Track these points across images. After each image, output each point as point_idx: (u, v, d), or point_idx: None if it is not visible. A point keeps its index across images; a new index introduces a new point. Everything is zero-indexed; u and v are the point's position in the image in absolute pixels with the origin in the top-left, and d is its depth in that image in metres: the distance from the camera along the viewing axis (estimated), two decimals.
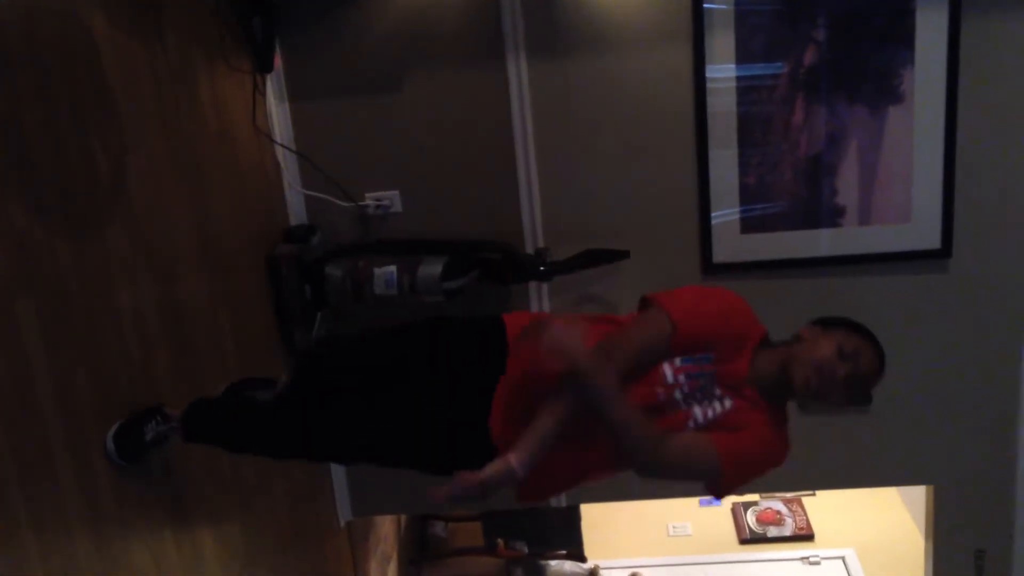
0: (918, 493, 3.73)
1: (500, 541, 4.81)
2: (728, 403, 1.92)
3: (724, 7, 3.02)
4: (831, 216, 3.18)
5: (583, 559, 4.90)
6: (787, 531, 5.16)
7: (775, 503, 5.32)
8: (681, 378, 1.92)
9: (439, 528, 5.35)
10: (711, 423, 1.91)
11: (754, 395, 1.93)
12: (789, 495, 5.34)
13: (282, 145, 3.17)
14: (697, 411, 1.91)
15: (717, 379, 1.93)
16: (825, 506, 5.27)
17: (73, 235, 1.95)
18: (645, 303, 2.05)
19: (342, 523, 3.68)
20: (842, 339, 1.90)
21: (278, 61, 3.13)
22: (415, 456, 2.04)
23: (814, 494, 5.32)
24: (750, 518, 5.26)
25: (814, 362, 1.88)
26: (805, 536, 5.12)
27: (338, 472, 3.58)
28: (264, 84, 3.08)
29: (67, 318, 1.91)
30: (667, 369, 1.92)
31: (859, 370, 1.88)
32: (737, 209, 3.19)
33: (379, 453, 2.09)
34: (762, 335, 2.01)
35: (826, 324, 1.96)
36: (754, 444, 1.91)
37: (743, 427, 1.90)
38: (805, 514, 5.24)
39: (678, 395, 1.91)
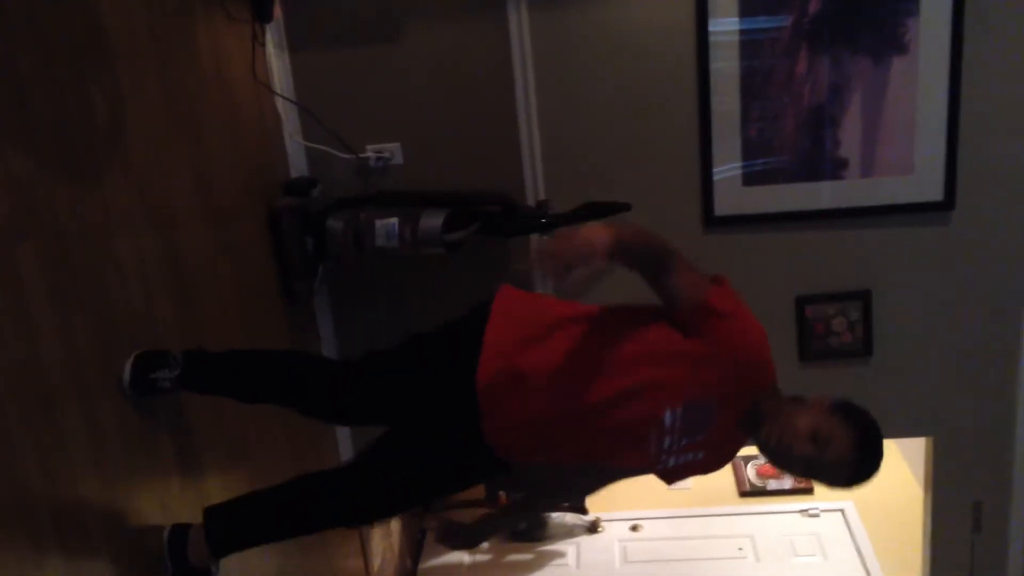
0: (916, 446, 3.75)
1: (502, 493, 4.86)
2: (701, 455, 2.03)
3: None
4: (833, 168, 3.17)
5: (584, 511, 4.95)
6: (786, 484, 5.19)
7: None
8: (678, 425, 1.94)
9: None
10: (676, 468, 2.04)
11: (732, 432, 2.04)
12: None
13: (282, 96, 3.15)
14: (673, 460, 2.01)
15: (707, 440, 1.99)
16: None
17: (72, 182, 1.95)
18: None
19: None
20: (826, 423, 1.86)
21: (278, 11, 3.10)
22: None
23: None
24: (750, 471, 5.29)
25: (783, 428, 1.88)
26: (804, 489, 5.15)
27: (341, 428, 3.61)
28: (264, 34, 3.05)
29: (67, 265, 1.91)
30: (668, 416, 1.93)
31: (822, 457, 1.85)
32: (739, 162, 3.18)
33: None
34: (772, 383, 2.01)
35: (835, 407, 1.92)
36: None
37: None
38: None
39: (665, 444, 1.97)
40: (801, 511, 5.01)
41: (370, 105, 3.22)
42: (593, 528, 5.03)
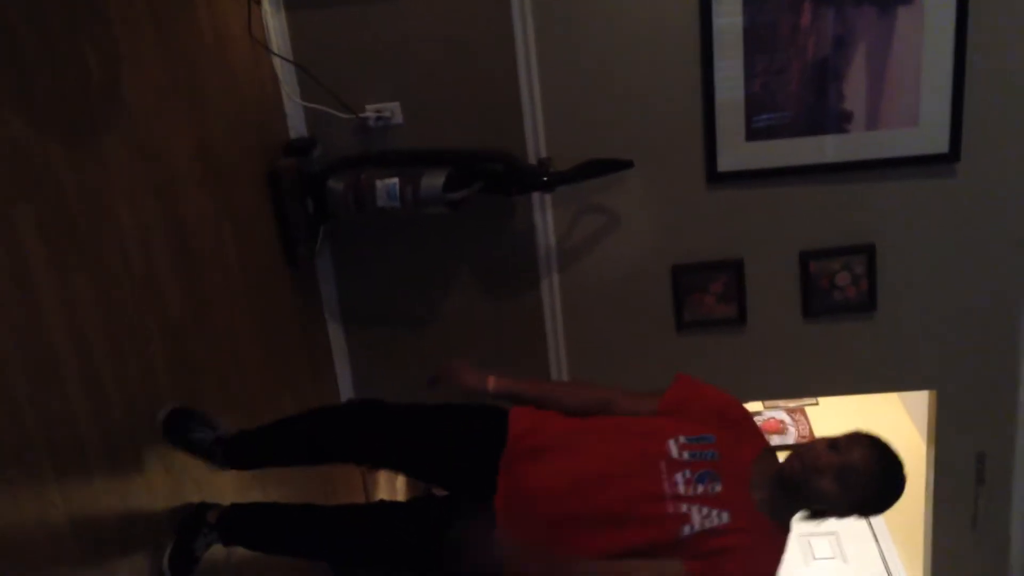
0: (919, 399, 3.76)
1: None
2: (726, 517, 1.86)
3: None
4: (838, 121, 3.14)
5: None
6: (790, 440, 5.21)
7: (778, 412, 5.37)
8: (686, 455, 1.93)
9: None
10: (705, 534, 1.85)
11: (751, 506, 1.91)
12: (792, 404, 5.39)
13: (279, 56, 3.11)
14: (696, 516, 1.86)
15: (720, 467, 1.92)
16: (827, 414, 5.32)
17: (70, 143, 1.93)
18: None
19: None
20: (840, 438, 1.92)
21: None
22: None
23: (817, 403, 5.37)
24: None
25: (802, 453, 1.91)
26: None
27: (346, 390, 3.61)
28: None
29: (67, 227, 1.90)
30: (672, 445, 1.94)
31: (847, 462, 1.87)
32: (743, 115, 3.15)
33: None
34: (765, 445, 2.05)
35: (842, 434, 1.96)
36: (736, 571, 1.85)
37: (731, 551, 1.84)
38: (808, 423, 5.30)
39: (680, 486, 1.90)
40: None
41: (369, 64, 3.18)
42: None
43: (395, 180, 3.00)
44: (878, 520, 4.62)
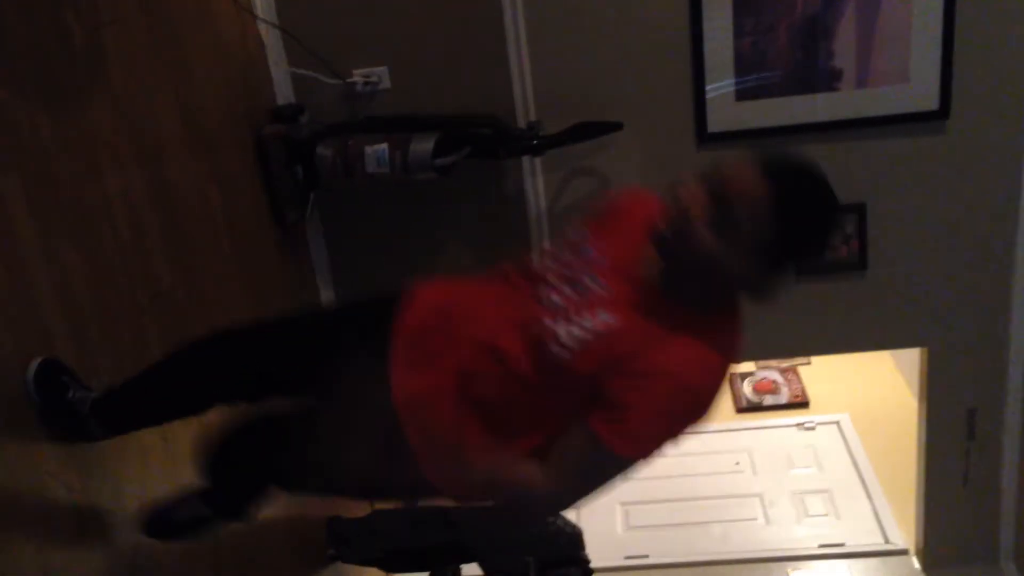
0: (911, 356, 3.78)
1: None
2: (606, 317, 1.47)
3: None
4: (828, 80, 3.12)
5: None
6: (782, 399, 5.25)
7: (770, 372, 5.40)
8: (552, 264, 1.61)
9: None
10: (579, 348, 1.47)
11: (647, 294, 1.51)
12: (784, 364, 5.42)
13: (265, 20, 3.08)
14: (561, 331, 1.48)
15: (596, 262, 1.57)
16: (819, 373, 5.35)
17: (53, 111, 1.92)
18: None
19: None
20: (719, 166, 1.43)
21: None
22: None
23: (809, 362, 5.40)
24: (746, 387, 5.34)
25: (671, 197, 1.43)
26: (800, 403, 5.21)
27: None
28: None
29: (55, 199, 1.89)
30: (542, 262, 1.65)
31: (724, 194, 1.39)
32: (732, 78, 3.13)
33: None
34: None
35: None
36: (652, 402, 1.50)
37: (648, 375, 1.47)
38: (800, 382, 5.33)
39: (541, 300, 1.55)
40: (797, 424, 5.07)
41: (356, 28, 3.15)
42: None
43: (384, 146, 2.98)
44: (871, 477, 4.66)
